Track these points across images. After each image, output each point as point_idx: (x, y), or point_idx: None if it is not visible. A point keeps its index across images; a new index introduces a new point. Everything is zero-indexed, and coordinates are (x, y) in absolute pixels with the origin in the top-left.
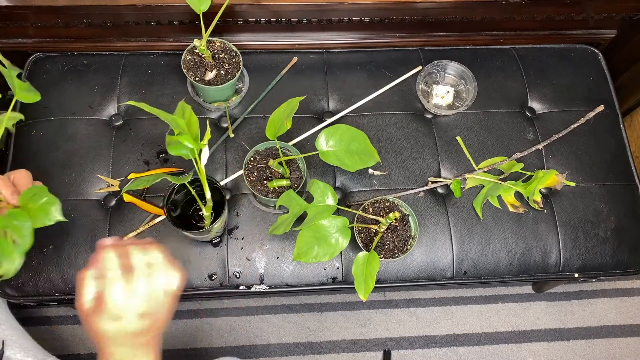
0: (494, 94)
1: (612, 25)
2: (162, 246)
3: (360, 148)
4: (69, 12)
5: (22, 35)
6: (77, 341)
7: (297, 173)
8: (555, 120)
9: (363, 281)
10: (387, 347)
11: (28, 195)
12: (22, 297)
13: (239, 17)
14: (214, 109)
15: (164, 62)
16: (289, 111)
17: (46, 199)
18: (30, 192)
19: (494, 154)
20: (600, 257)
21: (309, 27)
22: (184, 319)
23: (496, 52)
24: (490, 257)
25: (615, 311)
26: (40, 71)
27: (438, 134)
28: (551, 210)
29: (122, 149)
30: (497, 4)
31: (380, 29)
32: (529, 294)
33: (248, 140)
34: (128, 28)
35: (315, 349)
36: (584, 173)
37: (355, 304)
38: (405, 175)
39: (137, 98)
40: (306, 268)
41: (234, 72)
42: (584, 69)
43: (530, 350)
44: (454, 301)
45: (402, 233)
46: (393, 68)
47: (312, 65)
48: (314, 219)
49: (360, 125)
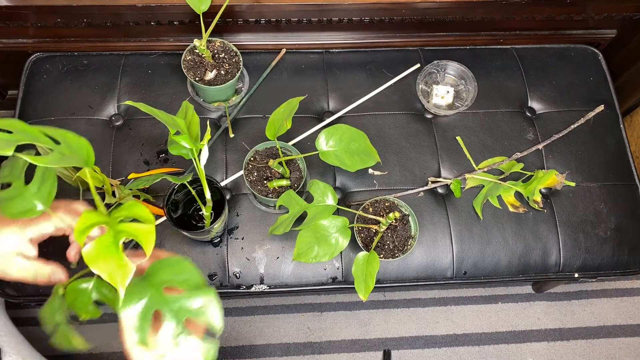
0: (494, 94)
1: (612, 25)
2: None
3: (360, 148)
4: (69, 12)
5: (22, 35)
6: None
7: (297, 173)
8: (555, 120)
9: (363, 281)
10: (387, 347)
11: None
12: (22, 297)
13: (239, 17)
14: (214, 109)
15: (164, 62)
16: (289, 111)
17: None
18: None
19: (494, 154)
20: (600, 257)
21: (309, 27)
22: None
23: (496, 52)
24: (490, 257)
25: (615, 311)
26: (40, 71)
27: (438, 134)
28: (551, 210)
29: (122, 149)
30: (497, 4)
31: (380, 29)
32: (529, 294)
33: (248, 140)
34: (128, 28)
35: (315, 349)
36: (584, 173)
37: (355, 304)
38: (405, 175)
39: (137, 98)
40: (306, 268)
41: (234, 72)
42: (584, 69)
43: (530, 350)
44: (454, 301)
45: (402, 233)
46: (393, 68)
47: (312, 65)
48: (314, 219)
49: (360, 125)
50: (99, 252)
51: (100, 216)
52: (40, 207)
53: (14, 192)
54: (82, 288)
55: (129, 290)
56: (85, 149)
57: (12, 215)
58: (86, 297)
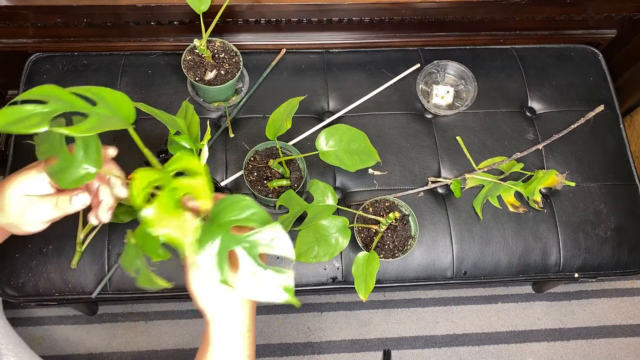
0: (494, 94)
1: (612, 25)
2: None
3: (360, 148)
4: (69, 12)
5: (22, 35)
6: (76, 341)
7: (297, 173)
8: (555, 120)
9: (363, 281)
10: (387, 347)
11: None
12: (22, 297)
13: (239, 17)
14: (214, 109)
15: (164, 62)
16: (289, 111)
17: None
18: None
19: (494, 154)
20: (600, 257)
21: (309, 27)
22: (184, 319)
23: (496, 52)
24: (490, 257)
25: (615, 311)
26: (40, 71)
27: (438, 134)
28: (551, 210)
29: (122, 149)
30: (497, 4)
31: (380, 29)
32: (529, 294)
33: (248, 140)
34: (128, 28)
35: (315, 349)
36: (584, 173)
37: (355, 304)
38: (405, 175)
39: (137, 98)
40: (306, 268)
41: (234, 72)
42: (584, 69)
43: (531, 350)
44: (454, 301)
45: (402, 233)
46: (393, 68)
47: (312, 65)
48: (314, 219)
49: (360, 125)
50: (161, 214)
51: (156, 173)
52: (92, 170)
53: (63, 163)
54: (149, 232)
55: (201, 235)
56: (126, 105)
57: (69, 185)
58: (154, 241)
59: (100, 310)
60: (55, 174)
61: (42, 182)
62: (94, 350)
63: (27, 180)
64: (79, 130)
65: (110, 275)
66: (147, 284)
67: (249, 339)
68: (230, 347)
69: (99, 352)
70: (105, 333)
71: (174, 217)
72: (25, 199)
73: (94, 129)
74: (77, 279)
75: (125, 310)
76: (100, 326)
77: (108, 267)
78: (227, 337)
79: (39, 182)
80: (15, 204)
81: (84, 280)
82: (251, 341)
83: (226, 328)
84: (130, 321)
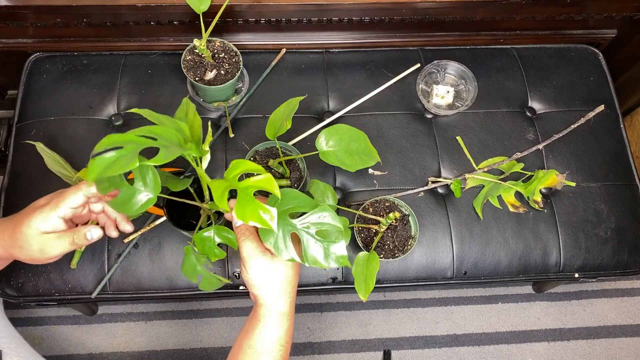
0: (494, 94)
1: (612, 25)
2: None
3: (360, 148)
4: (69, 12)
5: (22, 35)
6: (76, 341)
7: (297, 173)
8: (555, 120)
9: (363, 281)
10: (387, 347)
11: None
12: (22, 297)
13: (239, 17)
14: (214, 109)
15: (164, 62)
16: (289, 111)
17: None
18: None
19: (494, 154)
20: (600, 257)
21: (309, 27)
22: (184, 319)
23: (496, 52)
24: (490, 257)
25: (615, 311)
26: (40, 71)
27: (438, 134)
28: (551, 210)
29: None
30: (497, 4)
31: (380, 29)
32: (529, 294)
33: (248, 140)
34: (128, 28)
35: (315, 349)
36: (584, 173)
37: (355, 304)
38: (405, 175)
39: (137, 98)
40: (306, 268)
41: (234, 72)
42: (584, 69)
43: (531, 350)
44: (454, 301)
45: (402, 233)
46: (393, 68)
47: (312, 65)
48: None
49: (360, 125)
50: (244, 208)
51: (225, 182)
52: (151, 196)
53: (126, 194)
54: (205, 236)
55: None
56: (175, 137)
57: (135, 213)
58: (211, 243)
59: (100, 310)
60: (120, 205)
61: (56, 219)
62: (94, 350)
63: (44, 220)
64: (159, 160)
65: (110, 275)
66: (211, 286)
67: (289, 320)
68: (274, 324)
69: (99, 352)
70: (105, 333)
71: (255, 208)
72: (44, 237)
73: (163, 159)
74: (77, 279)
75: (125, 310)
76: (100, 326)
77: (108, 267)
78: (274, 318)
79: (53, 220)
80: (35, 242)
81: (83, 281)
82: (290, 323)
83: (274, 311)
84: (130, 321)
